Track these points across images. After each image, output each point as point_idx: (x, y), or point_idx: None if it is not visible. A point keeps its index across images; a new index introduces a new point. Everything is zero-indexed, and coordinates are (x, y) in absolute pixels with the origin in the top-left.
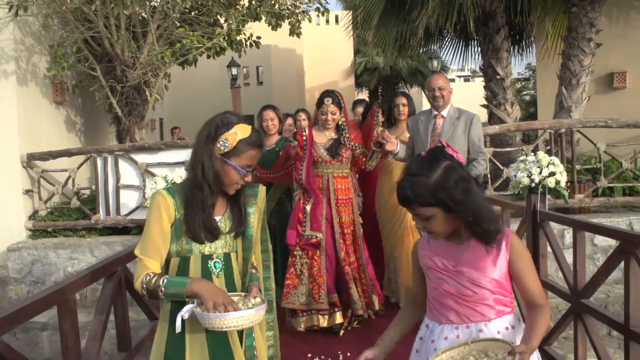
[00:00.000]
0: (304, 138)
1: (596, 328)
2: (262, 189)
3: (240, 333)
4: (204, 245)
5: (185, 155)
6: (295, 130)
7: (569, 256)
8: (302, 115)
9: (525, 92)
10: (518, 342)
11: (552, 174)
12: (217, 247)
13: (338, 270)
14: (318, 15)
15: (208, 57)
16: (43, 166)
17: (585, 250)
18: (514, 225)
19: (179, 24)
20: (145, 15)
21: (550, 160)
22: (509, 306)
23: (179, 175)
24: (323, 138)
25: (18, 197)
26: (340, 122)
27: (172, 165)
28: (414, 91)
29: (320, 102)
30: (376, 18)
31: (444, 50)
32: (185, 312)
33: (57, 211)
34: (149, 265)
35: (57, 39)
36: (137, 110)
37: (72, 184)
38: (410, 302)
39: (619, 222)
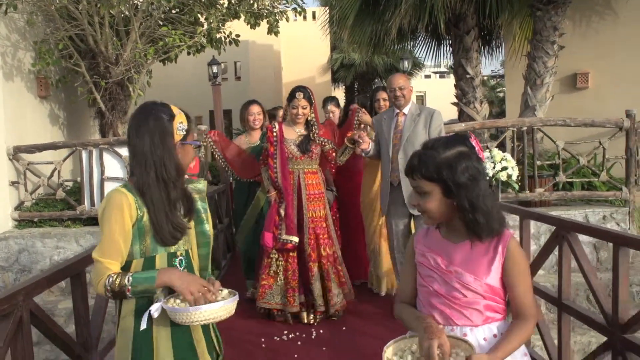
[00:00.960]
0: (274, 134)
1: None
2: (205, 183)
3: (208, 327)
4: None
5: None
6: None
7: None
8: (281, 112)
9: (499, 90)
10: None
11: (504, 168)
12: (179, 244)
13: (303, 267)
14: (296, 16)
15: (188, 54)
16: (28, 159)
17: (529, 235)
18: None
19: (161, 23)
20: (129, 14)
21: (503, 156)
22: (500, 313)
23: None
24: (293, 134)
25: (4, 188)
26: (309, 118)
27: None
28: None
29: (291, 97)
30: (351, 18)
31: (417, 48)
32: (154, 311)
33: (42, 202)
34: (110, 266)
35: (41, 35)
36: (120, 105)
37: (58, 176)
38: (398, 300)
39: (576, 214)
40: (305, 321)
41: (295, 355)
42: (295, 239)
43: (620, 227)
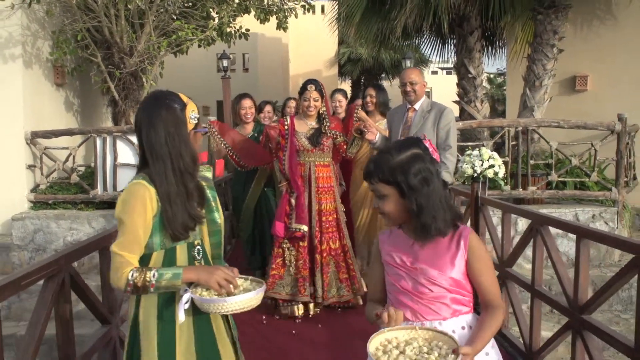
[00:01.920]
0: (286, 127)
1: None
2: (211, 171)
3: (226, 320)
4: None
5: None
6: (275, 117)
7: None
8: (292, 103)
9: (505, 87)
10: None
11: (491, 166)
12: (196, 234)
13: (310, 258)
14: (304, 13)
15: (199, 46)
16: (45, 144)
17: (510, 228)
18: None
19: (175, 17)
20: (144, 7)
21: (491, 154)
22: (467, 305)
23: None
24: (304, 127)
25: (21, 171)
26: (321, 111)
27: None
28: (396, 82)
29: (303, 89)
30: (358, 15)
31: (423, 46)
32: (186, 303)
33: (57, 185)
34: (131, 260)
35: (59, 25)
36: (132, 94)
37: (73, 161)
38: (368, 301)
39: (566, 212)
40: (312, 312)
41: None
42: (305, 228)
43: (609, 226)
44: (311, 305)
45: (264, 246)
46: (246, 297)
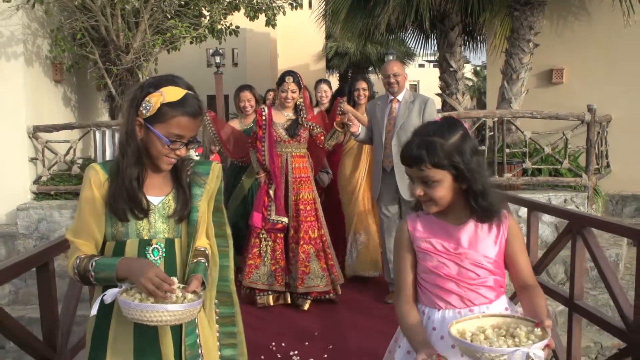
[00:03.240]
0: (264, 118)
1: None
2: (215, 167)
3: (179, 329)
4: (142, 228)
5: None
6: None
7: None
8: (272, 95)
9: None
10: None
11: None
12: (157, 232)
13: (286, 248)
14: (292, 10)
15: (191, 43)
16: (46, 137)
17: (537, 229)
18: None
19: (169, 16)
20: (139, 7)
21: None
22: (503, 286)
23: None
24: (282, 118)
25: (24, 164)
26: (298, 103)
27: None
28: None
29: (281, 81)
30: (344, 12)
31: (407, 40)
32: (108, 296)
33: (57, 177)
34: (80, 247)
35: (57, 23)
36: (129, 90)
37: (73, 154)
38: (408, 300)
39: (540, 197)
40: (289, 302)
41: (277, 345)
42: (285, 219)
43: (579, 210)
44: (287, 295)
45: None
46: (176, 307)
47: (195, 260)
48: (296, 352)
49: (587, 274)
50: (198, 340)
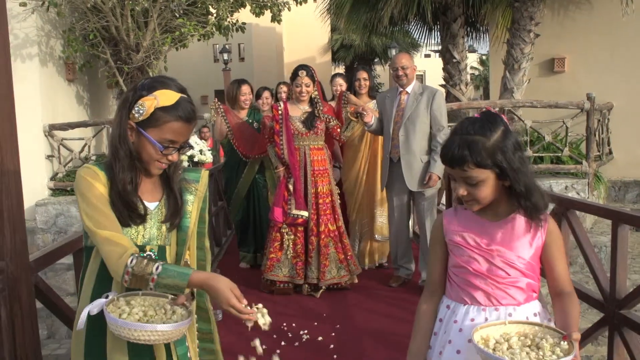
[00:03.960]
0: (280, 112)
1: None
2: (204, 173)
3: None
4: (136, 233)
5: None
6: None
7: None
8: (283, 88)
9: None
10: None
11: None
12: (151, 238)
13: (313, 241)
14: (297, 5)
15: (198, 40)
16: (61, 135)
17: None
18: None
19: (177, 15)
20: (148, 7)
21: None
22: (536, 291)
23: (196, 140)
24: (298, 111)
25: (41, 161)
26: (313, 96)
27: None
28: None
29: (294, 75)
30: (348, 6)
31: (411, 31)
32: (94, 307)
33: (73, 173)
34: (123, 242)
35: (68, 24)
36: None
37: (88, 150)
38: (431, 294)
39: (541, 184)
40: (306, 293)
41: (288, 325)
42: (306, 214)
43: (580, 196)
44: (305, 286)
45: (262, 231)
46: (158, 328)
47: None
48: (306, 331)
49: (574, 262)
50: (188, 353)
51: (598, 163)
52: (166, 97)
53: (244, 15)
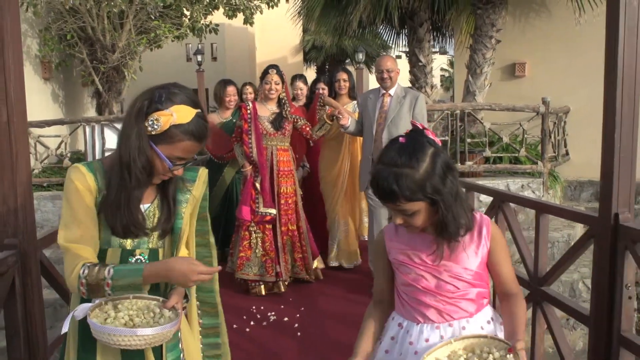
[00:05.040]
0: (249, 112)
1: None
2: (202, 172)
3: (160, 346)
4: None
5: None
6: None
7: None
8: (249, 89)
9: None
10: (499, 334)
11: None
12: (141, 241)
13: (274, 239)
14: (269, 8)
15: (172, 41)
16: (37, 132)
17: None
18: None
19: (153, 17)
20: (124, 8)
21: None
22: (487, 297)
23: None
24: (266, 112)
25: None
26: (281, 96)
27: None
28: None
29: (264, 73)
30: (318, 10)
31: (381, 34)
32: (79, 312)
33: (49, 170)
34: (82, 253)
35: (44, 23)
36: (115, 87)
37: (65, 148)
38: (377, 303)
39: (499, 183)
40: (282, 290)
41: (257, 308)
42: (273, 211)
43: (535, 195)
44: (280, 284)
45: (228, 229)
46: (139, 333)
47: None
48: (273, 313)
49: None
50: (182, 355)
51: (553, 163)
52: (183, 114)
53: (217, 15)
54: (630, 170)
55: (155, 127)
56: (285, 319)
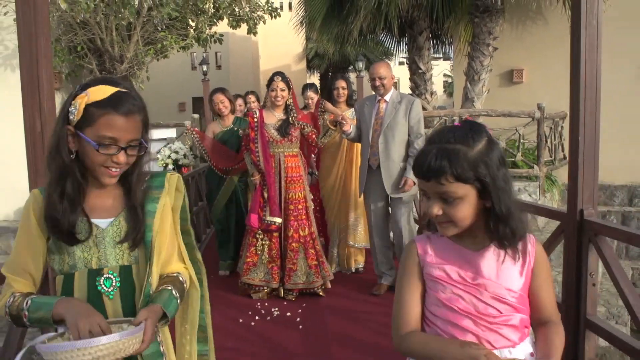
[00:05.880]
0: (255, 120)
1: None
2: (172, 178)
3: None
4: (89, 256)
5: (169, 132)
6: (245, 111)
7: None
8: (252, 98)
9: None
10: None
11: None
12: (108, 259)
13: (283, 246)
14: (272, 19)
15: (178, 51)
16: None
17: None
18: None
19: (159, 29)
20: (132, 21)
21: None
22: (529, 327)
23: (180, 146)
24: (273, 119)
25: None
26: (288, 102)
27: (158, 142)
28: (363, 73)
29: (270, 81)
30: (319, 20)
31: (383, 41)
32: (40, 342)
33: None
34: (13, 284)
35: (55, 36)
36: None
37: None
38: (403, 331)
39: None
40: (282, 295)
41: (261, 304)
42: (279, 220)
43: (532, 197)
44: (281, 289)
45: (239, 237)
46: (85, 344)
47: (160, 289)
48: (276, 308)
49: None
50: None
51: (550, 167)
52: (99, 92)
53: (221, 25)
54: (594, 170)
55: (74, 111)
56: (288, 313)
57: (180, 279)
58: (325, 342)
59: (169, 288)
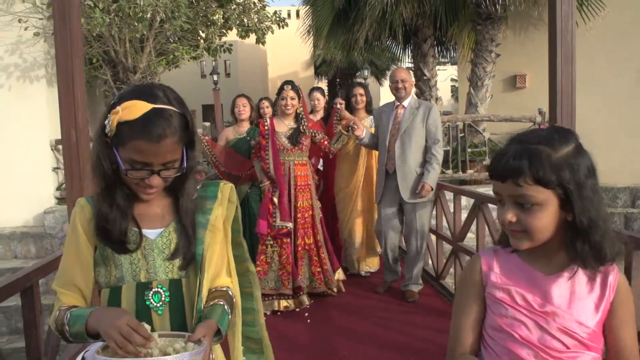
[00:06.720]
0: (266, 127)
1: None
2: (225, 188)
3: None
4: (137, 269)
5: None
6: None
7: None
8: (265, 103)
9: None
10: None
11: None
12: (157, 272)
13: (292, 253)
14: (280, 28)
15: (188, 61)
16: None
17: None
18: None
19: (171, 40)
20: (145, 33)
21: None
22: None
23: None
24: (283, 127)
25: (48, 173)
26: (298, 111)
27: None
28: (369, 81)
29: (280, 89)
30: (326, 29)
31: (386, 51)
32: (90, 351)
33: None
34: (61, 297)
35: None
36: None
37: None
38: (456, 355)
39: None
40: (294, 307)
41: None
42: (290, 224)
43: None
44: (304, 297)
45: (253, 246)
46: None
47: (211, 304)
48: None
49: None
50: None
51: None
52: (130, 111)
53: (230, 34)
54: None
55: (107, 127)
56: (297, 309)
57: (230, 293)
58: (331, 335)
59: (221, 303)
